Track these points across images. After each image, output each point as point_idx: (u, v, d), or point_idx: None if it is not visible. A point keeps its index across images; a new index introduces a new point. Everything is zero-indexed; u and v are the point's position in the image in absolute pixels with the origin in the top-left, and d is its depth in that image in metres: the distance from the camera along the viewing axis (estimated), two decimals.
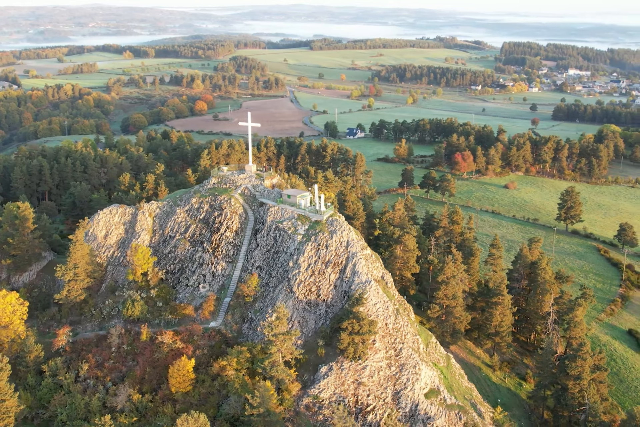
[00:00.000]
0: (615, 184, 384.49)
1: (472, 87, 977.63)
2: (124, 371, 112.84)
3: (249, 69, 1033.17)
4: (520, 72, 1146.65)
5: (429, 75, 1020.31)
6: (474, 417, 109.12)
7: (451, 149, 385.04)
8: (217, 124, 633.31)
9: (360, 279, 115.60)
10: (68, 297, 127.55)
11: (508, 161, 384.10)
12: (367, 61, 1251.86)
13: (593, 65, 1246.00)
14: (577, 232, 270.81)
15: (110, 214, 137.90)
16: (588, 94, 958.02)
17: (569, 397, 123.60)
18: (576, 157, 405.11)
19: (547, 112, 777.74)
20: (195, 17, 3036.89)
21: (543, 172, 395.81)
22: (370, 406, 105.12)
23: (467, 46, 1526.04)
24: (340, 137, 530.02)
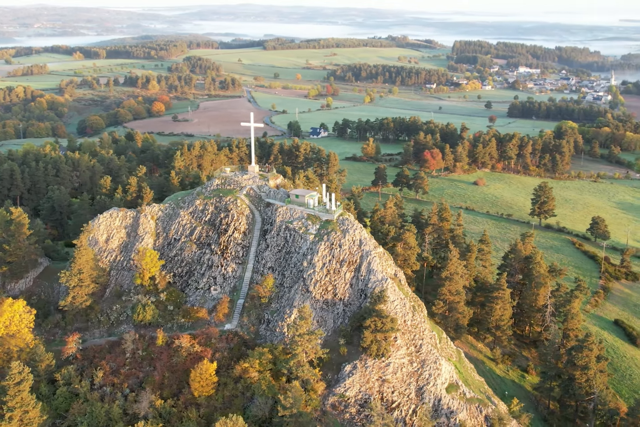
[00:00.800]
0: (578, 179, 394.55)
1: (427, 86, 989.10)
2: (141, 376, 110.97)
3: (204, 70, 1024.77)
4: (473, 71, 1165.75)
5: (384, 74, 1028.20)
6: (495, 410, 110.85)
7: (418, 147, 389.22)
8: (177, 125, 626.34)
9: (376, 277, 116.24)
10: (73, 303, 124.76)
11: (474, 158, 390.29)
12: (321, 61, 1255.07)
13: (542, 63, 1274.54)
14: (551, 227, 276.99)
15: (110, 217, 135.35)
16: (540, 91, 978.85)
17: (577, 387, 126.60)
18: (539, 153, 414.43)
19: (502, 110, 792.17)
20: (142, 17, 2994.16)
21: (508, 168, 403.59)
22: (396, 402, 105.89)
23: (419, 45, 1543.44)
24: (303, 136, 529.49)
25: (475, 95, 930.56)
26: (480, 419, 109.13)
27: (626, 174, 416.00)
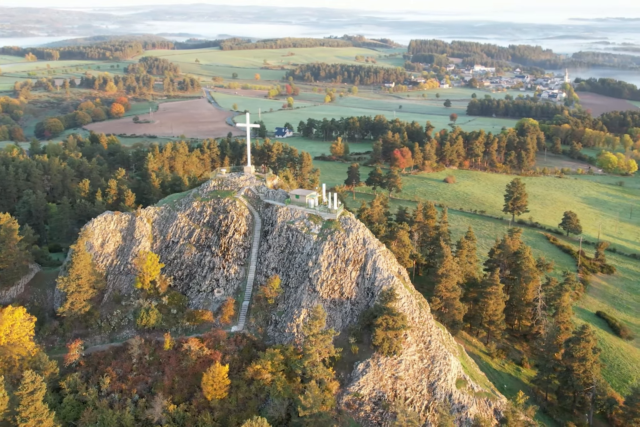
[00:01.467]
0: (543, 175, 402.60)
1: (386, 85, 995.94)
2: (150, 382, 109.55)
3: (161, 70, 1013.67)
4: (429, 69, 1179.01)
5: (343, 74, 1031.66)
6: (504, 403, 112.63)
7: (387, 146, 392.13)
8: (138, 127, 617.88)
9: (382, 275, 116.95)
10: (72, 309, 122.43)
11: (442, 156, 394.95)
12: (279, 60, 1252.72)
13: (497, 61, 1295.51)
14: (524, 222, 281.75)
15: (105, 221, 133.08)
16: (496, 89, 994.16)
17: (575, 378, 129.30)
18: (504, 150, 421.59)
19: (461, 108, 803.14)
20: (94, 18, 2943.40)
21: (475, 165, 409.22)
22: (409, 399, 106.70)
23: (375, 44, 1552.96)
24: (269, 136, 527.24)
25: (434, 94, 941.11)
26: (490, 413, 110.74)
27: (589, 170, 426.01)
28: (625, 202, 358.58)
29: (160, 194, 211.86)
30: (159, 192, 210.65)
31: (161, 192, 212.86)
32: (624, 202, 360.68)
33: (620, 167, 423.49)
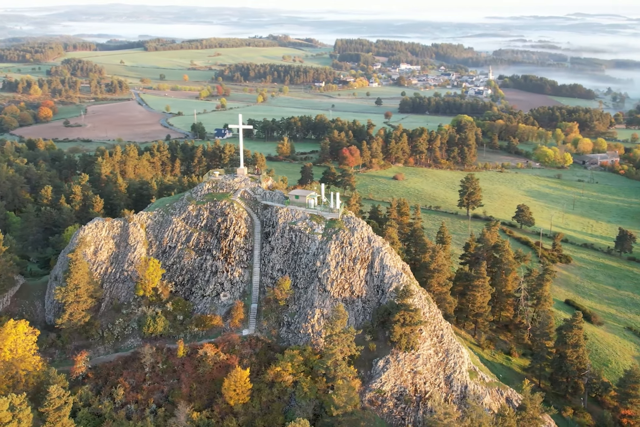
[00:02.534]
0: (485, 170, 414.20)
1: (316, 84, 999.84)
2: (166, 390, 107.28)
3: (86, 72, 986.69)
4: (357, 68, 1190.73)
5: (273, 74, 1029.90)
6: (514, 392, 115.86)
7: (333, 145, 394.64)
8: (70, 131, 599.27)
9: (390, 273, 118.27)
10: (71, 320, 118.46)
11: (388, 154, 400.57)
12: (205, 61, 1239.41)
13: (422, 59, 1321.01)
14: (478, 216, 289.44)
15: (96, 228, 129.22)
16: (424, 87, 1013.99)
17: (569, 364, 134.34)
18: (446, 146, 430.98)
19: (392, 106, 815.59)
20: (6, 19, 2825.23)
21: (420, 162, 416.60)
22: (428, 392, 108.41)
23: (301, 44, 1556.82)
24: (209, 138, 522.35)
25: (364, 93, 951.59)
26: (502, 402, 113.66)
27: (527, 164, 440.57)
28: (565, 194, 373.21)
29: (127, 199, 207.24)
30: (125, 197, 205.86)
31: (127, 197, 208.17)
32: (565, 194, 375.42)
33: (557, 160, 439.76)
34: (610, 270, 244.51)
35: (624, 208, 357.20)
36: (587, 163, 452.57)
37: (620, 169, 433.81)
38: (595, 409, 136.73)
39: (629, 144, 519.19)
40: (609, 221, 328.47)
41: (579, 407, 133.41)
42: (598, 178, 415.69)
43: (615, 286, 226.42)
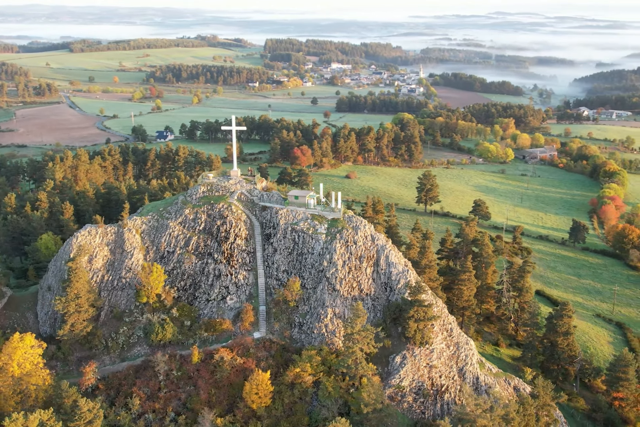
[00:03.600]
0: (432, 167, 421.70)
1: (250, 84, 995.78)
2: (184, 398, 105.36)
3: (10, 75, 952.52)
4: (289, 68, 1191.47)
5: (206, 74, 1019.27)
6: (520, 382, 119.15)
7: (283, 145, 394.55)
8: (2, 137, 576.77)
9: (397, 269, 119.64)
10: (72, 331, 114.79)
11: (337, 153, 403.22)
12: (134, 62, 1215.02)
13: (352, 58, 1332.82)
14: (436, 212, 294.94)
15: (89, 235, 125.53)
16: (357, 86, 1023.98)
17: (560, 352, 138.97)
18: (391, 144, 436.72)
19: (328, 105, 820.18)
20: None
21: (368, 160, 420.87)
22: (444, 385, 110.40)
23: (230, 44, 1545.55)
24: (150, 140, 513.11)
25: (299, 92, 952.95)
26: (510, 391, 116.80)
27: (471, 160, 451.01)
28: (512, 189, 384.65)
29: (94, 204, 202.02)
30: (93, 202, 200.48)
31: (95, 203, 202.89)
32: (511, 188, 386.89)
33: (499, 155, 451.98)
34: (568, 260, 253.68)
35: (568, 200, 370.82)
36: (527, 158, 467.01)
37: (559, 162, 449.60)
38: (586, 394, 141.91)
39: (563, 139, 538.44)
40: (556, 213, 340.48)
41: (572, 393, 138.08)
42: (540, 172, 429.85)
43: (576, 275, 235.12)
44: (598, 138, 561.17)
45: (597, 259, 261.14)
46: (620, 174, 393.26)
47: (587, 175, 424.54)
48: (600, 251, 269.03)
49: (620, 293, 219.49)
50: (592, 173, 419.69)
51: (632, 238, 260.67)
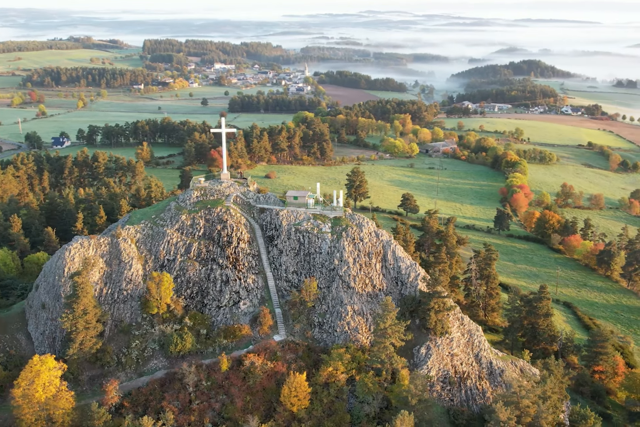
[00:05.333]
0: (344, 164, 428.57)
1: (135, 87, 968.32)
2: (218, 407, 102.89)
3: None
4: (171, 69, 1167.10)
5: (87, 77, 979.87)
6: (526, 363, 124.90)
7: (197, 147, 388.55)
8: None
9: (405, 264, 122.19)
10: (82, 349, 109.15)
11: (251, 153, 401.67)
12: (6, 66, 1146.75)
13: (234, 58, 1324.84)
14: (366, 208, 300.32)
15: (82, 247, 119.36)
16: (245, 86, 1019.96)
17: (542, 332, 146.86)
18: (301, 143, 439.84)
19: (219, 105, 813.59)
20: None
21: (282, 160, 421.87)
22: (466, 372, 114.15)
23: (106, 46, 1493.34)
24: (46, 147, 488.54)
25: (187, 93, 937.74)
26: (518, 372, 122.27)
27: (379, 156, 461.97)
28: (424, 182, 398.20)
29: (39, 216, 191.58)
30: (38, 214, 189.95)
31: (40, 214, 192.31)
32: (423, 181, 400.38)
33: (405, 150, 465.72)
34: (498, 247, 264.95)
35: (477, 191, 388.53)
36: (430, 151, 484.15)
37: (461, 155, 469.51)
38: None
39: (459, 132, 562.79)
40: (471, 203, 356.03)
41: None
42: (445, 165, 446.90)
43: (511, 261, 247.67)
44: (489, 130, 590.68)
45: (523, 244, 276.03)
46: (521, 163, 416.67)
47: (489, 166, 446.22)
48: (524, 236, 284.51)
49: (553, 275, 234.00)
50: (493, 164, 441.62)
51: (553, 223, 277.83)
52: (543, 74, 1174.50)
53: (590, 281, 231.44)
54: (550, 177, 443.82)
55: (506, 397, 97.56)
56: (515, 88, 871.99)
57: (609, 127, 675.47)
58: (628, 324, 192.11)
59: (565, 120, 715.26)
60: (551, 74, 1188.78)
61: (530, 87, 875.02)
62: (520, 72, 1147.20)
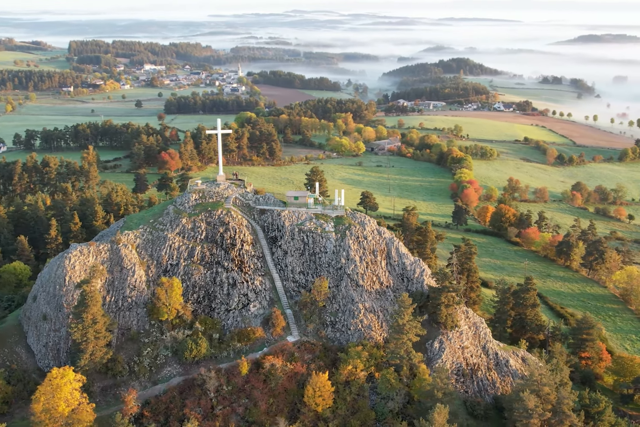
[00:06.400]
0: (293, 164, 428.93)
1: (64, 89, 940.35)
2: (241, 411, 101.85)
3: None
4: (100, 71, 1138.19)
5: (13, 80, 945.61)
6: (525, 352, 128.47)
7: (146, 150, 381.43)
8: None
9: (409, 260, 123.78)
10: (93, 359, 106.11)
11: (201, 155, 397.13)
12: None
13: (164, 59, 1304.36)
14: None
15: (82, 255, 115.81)
16: (178, 87, 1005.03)
17: (529, 322, 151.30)
18: (248, 143, 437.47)
19: (154, 107, 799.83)
20: None
21: (231, 161, 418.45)
22: (476, 364, 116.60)
23: (29, 47, 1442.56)
24: None
25: (119, 96, 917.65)
26: (519, 361, 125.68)
27: (327, 155, 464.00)
28: (374, 180, 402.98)
29: (7, 224, 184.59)
30: (6, 222, 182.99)
31: (8, 222, 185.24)
32: (373, 179, 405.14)
33: (352, 149, 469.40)
34: (459, 242, 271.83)
35: (427, 187, 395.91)
36: (376, 149, 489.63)
37: (406, 152, 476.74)
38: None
39: (401, 130, 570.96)
40: (424, 199, 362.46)
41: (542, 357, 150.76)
42: (392, 162, 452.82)
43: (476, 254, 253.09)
44: (429, 128, 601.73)
45: (481, 238, 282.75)
46: (466, 159, 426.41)
47: (434, 163, 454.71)
48: (482, 231, 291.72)
49: (516, 267, 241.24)
50: (439, 160, 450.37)
51: (509, 217, 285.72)
52: (472, 71, 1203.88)
53: (552, 271, 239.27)
54: (493, 172, 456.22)
55: (527, 385, 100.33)
56: (448, 86, 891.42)
57: (541, 122, 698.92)
58: (596, 311, 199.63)
59: (499, 116, 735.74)
60: (480, 71, 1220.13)
61: (462, 85, 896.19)
62: (450, 70, 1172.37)
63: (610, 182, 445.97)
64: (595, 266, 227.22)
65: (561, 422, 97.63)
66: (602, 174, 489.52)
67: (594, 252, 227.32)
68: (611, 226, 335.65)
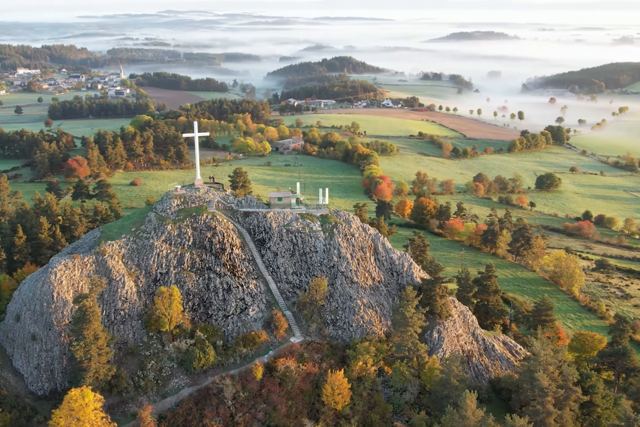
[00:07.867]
0: (202, 166, 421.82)
1: None
2: (261, 416, 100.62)
3: None
4: None
5: None
6: (506, 337, 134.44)
7: (49, 158, 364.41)
8: None
9: (396, 254, 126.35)
10: (97, 378, 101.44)
11: (108, 160, 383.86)
12: None
13: (39, 62, 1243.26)
14: None
15: (67, 269, 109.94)
16: (58, 91, 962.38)
17: (492, 308, 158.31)
18: (154, 147, 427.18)
19: (36, 113, 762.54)
20: None
21: (138, 166, 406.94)
22: (470, 351, 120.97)
23: None
24: None
25: None
26: (502, 345, 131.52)
27: (233, 156, 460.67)
28: (286, 179, 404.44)
29: None
30: None
31: None
32: (285, 178, 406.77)
33: (258, 149, 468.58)
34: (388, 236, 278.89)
35: (338, 184, 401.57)
36: (281, 149, 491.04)
37: (312, 151, 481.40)
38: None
39: (301, 128, 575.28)
40: (339, 196, 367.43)
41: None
42: (300, 161, 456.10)
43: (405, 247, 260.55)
44: (326, 126, 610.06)
45: (406, 231, 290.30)
46: (372, 156, 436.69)
47: (340, 160, 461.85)
48: (405, 224, 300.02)
49: (448, 257, 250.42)
50: (344, 158, 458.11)
51: (430, 209, 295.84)
52: (355, 69, 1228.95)
53: (481, 259, 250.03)
54: (396, 167, 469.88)
55: (531, 366, 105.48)
56: (336, 84, 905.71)
57: (430, 117, 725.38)
58: (533, 294, 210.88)
59: (389, 113, 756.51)
60: (363, 69, 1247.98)
61: (350, 83, 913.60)
62: (334, 68, 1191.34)
63: (504, 172, 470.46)
64: (522, 251, 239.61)
65: (568, 397, 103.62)
66: (495, 164, 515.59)
67: (520, 238, 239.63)
68: (515, 213, 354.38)
